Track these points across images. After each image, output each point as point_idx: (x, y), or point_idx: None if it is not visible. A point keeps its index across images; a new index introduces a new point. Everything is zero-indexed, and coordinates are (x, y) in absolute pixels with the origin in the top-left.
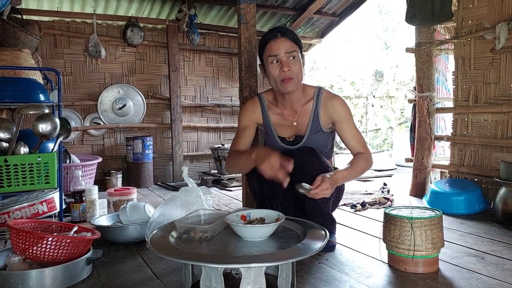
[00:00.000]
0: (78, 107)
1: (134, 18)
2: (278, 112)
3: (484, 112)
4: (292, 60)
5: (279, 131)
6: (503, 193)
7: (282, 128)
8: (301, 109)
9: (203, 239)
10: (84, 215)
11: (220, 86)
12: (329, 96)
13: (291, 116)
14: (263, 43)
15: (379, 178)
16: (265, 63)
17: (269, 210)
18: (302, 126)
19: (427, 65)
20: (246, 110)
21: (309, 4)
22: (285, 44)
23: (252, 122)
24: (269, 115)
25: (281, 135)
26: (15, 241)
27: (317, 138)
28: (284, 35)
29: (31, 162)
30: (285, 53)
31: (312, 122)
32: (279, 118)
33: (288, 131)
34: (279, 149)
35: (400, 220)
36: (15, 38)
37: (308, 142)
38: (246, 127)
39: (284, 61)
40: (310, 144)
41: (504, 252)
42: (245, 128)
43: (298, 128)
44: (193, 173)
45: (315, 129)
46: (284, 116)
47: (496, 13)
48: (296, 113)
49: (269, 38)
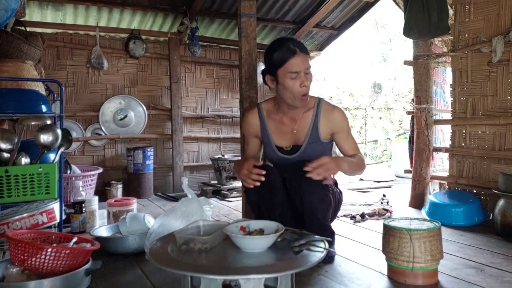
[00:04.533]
0: (79, 118)
1: (136, 31)
2: (277, 119)
3: (482, 124)
4: (308, 76)
5: (276, 140)
6: (502, 205)
7: (280, 136)
8: (300, 118)
9: (202, 250)
10: (83, 226)
11: (220, 97)
12: (330, 108)
13: (291, 123)
14: (281, 59)
15: (378, 189)
16: (281, 77)
17: (269, 221)
18: (301, 135)
19: (425, 78)
20: (245, 124)
21: (309, 17)
22: (304, 60)
23: (252, 135)
24: (267, 124)
25: (279, 145)
26: (14, 252)
27: (315, 148)
28: (302, 51)
29: (32, 173)
30: (304, 69)
31: (311, 132)
32: (278, 124)
33: (286, 140)
34: (277, 159)
35: (399, 231)
36: (18, 50)
37: (305, 152)
38: (249, 139)
39: (303, 77)
40: (307, 154)
41: (504, 264)
42: (249, 140)
43: (296, 137)
44: (193, 184)
45: (314, 139)
46: (283, 123)
47: (492, 26)
48: (296, 121)
49: (289, 55)
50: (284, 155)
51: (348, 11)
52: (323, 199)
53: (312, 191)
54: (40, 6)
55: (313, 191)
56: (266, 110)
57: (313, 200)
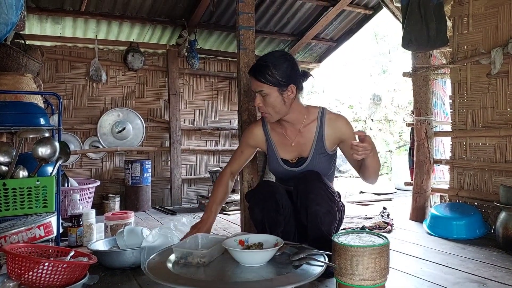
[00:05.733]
0: (77, 131)
1: (135, 43)
2: (281, 132)
3: (482, 136)
4: (263, 98)
5: (281, 153)
6: (503, 217)
7: (284, 149)
8: (303, 130)
9: (200, 264)
10: (81, 240)
11: (219, 110)
12: (333, 117)
13: (294, 136)
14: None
15: (379, 202)
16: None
17: (268, 235)
18: (306, 147)
19: (424, 89)
20: (248, 133)
21: (307, 30)
22: (254, 83)
23: (250, 146)
24: (271, 136)
25: (284, 157)
26: (10, 266)
27: (320, 160)
28: (252, 74)
29: (30, 186)
30: (255, 91)
31: (317, 143)
32: (281, 137)
33: (291, 152)
34: (283, 172)
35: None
36: (17, 63)
37: (311, 164)
38: (244, 150)
39: (256, 97)
40: (313, 166)
41: (506, 278)
42: (243, 150)
43: (301, 149)
44: (191, 197)
45: (319, 150)
46: (287, 135)
47: (491, 38)
48: (300, 133)
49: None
50: (289, 167)
51: (346, 23)
52: (329, 211)
53: (318, 203)
54: (40, 19)
55: (319, 203)
56: (270, 123)
57: (319, 211)
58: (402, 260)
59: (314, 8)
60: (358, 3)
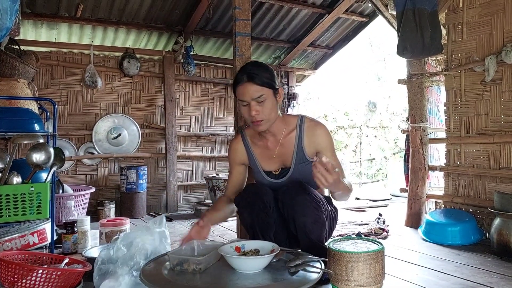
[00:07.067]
0: (72, 137)
1: (131, 49)
2: (261, 144)
3: (476, 143)
4: (260, 104)
5: (264, 165)
6: (497, 223)
7: (267, 161)
8: (283, 140)
9: (196, 271)
10: (75, 247)
11: (215, 116)
12: (312, 125)
13: (275, 147)
14: (233, 87)
15: (374, 208)
16: (238, 103)
17: (264, 242)
18: (287, 157)
19: (419, 96)
20: (231, 151)
21: (303, 37)
22: (251, 89)
23: (237, 163)
24: (253, 150)
25: (267, 169)
26: (3, 273)
27: (304, 168)
28: (250, 80)
29: (24, 192)
30: (251, 99)
31: (297, 153)
32: (263, 149)
33: (273, 164)
34: (267, 184)
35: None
36: (12, 68)
37: (295, 174)
38: (233, 170)
39: (252, 106)
40: (297, 176)
41: (501, 284)
42: (232, 171)
43: (283, 159)
44: (187, 203)
45: (301, 159)
46: (268, 147)
47: (485, 46)
48: (280, 143)
49: (237, 82)
50: (273, 179)
51: (342, 30)
52: (316, 220)
53: (305, 214)
54: (35, 25)
55: (305, 213)
56: (250, 136)
57: (307, 222)
58: (397, 266)
59: (310, 15)
60: (354, 10)
